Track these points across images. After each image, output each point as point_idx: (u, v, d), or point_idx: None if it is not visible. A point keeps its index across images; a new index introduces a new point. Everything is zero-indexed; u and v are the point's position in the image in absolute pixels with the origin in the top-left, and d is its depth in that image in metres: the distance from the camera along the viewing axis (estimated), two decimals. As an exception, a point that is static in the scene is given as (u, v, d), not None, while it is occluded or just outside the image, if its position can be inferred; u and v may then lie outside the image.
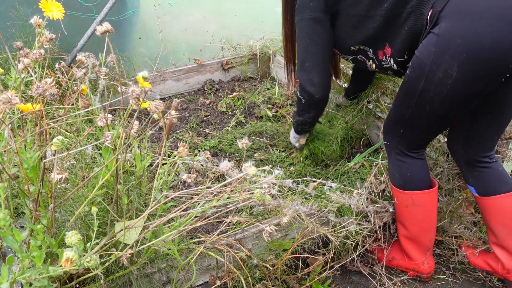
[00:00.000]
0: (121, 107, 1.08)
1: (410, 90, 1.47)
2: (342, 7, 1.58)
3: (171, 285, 1.57)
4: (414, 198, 1.67)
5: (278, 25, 3.16)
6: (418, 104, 1.47)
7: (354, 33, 1.60)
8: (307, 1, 1.62)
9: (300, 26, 1.68)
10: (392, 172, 1.72)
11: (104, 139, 0.92)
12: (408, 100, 1.50)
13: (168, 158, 1.30)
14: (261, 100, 2.66)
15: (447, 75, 1.34)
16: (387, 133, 1.69)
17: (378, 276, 1.80)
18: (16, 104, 0.82)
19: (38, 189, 1.00)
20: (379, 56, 1.62)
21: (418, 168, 1.66)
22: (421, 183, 1.67)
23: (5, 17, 2.42)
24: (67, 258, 0.84)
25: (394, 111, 1.61)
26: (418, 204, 1.67)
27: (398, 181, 1.69)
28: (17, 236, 0.92)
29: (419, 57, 1.40)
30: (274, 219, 1.69)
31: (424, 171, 1.68)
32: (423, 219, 1.71)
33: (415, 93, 1.45)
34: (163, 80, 2.82)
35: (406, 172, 1.67)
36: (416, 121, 1.53)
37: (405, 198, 1.69)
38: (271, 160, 2.21)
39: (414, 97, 1.46)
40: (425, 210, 1.69)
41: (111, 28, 0.92)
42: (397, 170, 1.69)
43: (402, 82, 1.52)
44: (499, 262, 1.75)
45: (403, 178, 1.68)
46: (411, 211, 1.70)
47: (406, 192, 1.67)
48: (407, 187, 1.67)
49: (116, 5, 2.58)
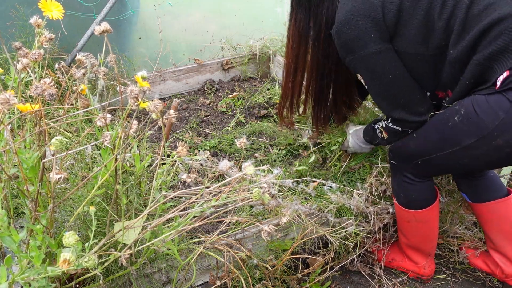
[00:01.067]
0: (120, 107, 1.07)
1: (451, 139, 1.32)
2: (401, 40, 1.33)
3: (171, 285, 1.57)
4: (417, 216, 1.63)
5: (278, 25, 3.17)
6: (456, 155, 1.33)
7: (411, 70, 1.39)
8: (363, 34, 1.31)
9: (366, 65, 1.37)
10: (395, 190, 1.66)
11: (103, 139, 0.92)
12: (445, 146, 1.35)
13: (167, 158, 1.30)
14: (261, 100, 2.66)
15: (509, 145, 1.21)
16: (398, 157, 1.57)
17: (377, 277, 1.80)
18: (14, 104, 0.81)
19: (37, 189, 1.00)
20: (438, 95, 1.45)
21: (425, 190, 1.60)
22: (425, 203, 1.62)
23: (5, 17, 2.42)
24: (64, 259, 0.84)
25: (417, 144, 1.46)
26: (420, 220, 1.64)
27: (402, 200, 1.64)
28: (15, 236, 0.92)
29: (480, 115, 1.22)
30: (274, 219, 1.69)
31: (430, 191, 1.61)
32: (425, 232, 1.69)
33: (457, 144, 1.31)
34: (163, 80, 2.82)
35: (412, 194, 1.60)
36: (442, 164, 1.42)
37: (407, 215, 1.65)
38: (271, 160, 2.21)
39: (455, 147, 1.32)
40: (427, 224, 1.67)
41: (109, 28, 0.91)
42: (402, 190, 1.62)
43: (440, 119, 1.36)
44: (497, 265, 1.74)
45: (408, 198, 1.61)
46: (413, 226, 1.67)
47: (408, 211, 1.64)
48: (411, 207, 1.63)
49: (116, 5, 2.58)
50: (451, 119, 1.31)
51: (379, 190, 1.80)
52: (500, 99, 1.18)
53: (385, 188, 1.82)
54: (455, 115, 1.29)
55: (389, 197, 1.83)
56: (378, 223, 1.77)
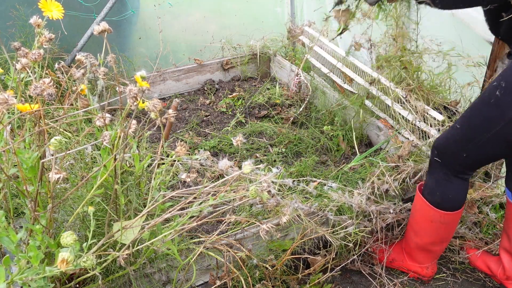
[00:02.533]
0: (120, 107, 1.07)
1: (496, 116, 1.27)
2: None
3: (171, 285, 1.56)
4: (445, 217, 1.59)
5: (278, 25, 3.18)
6: (501, 133, 1.28)
7: None
8: None
9: None
10: (432, 188, 1.59)
11: (102, 139, 0.92)
12: (490, 125, 1.30)
13: (167, 158, 1.30)
14: (261, 100, 2.66)
15: None
16: (444, 152, 1.51)
17: (378, 277, 1.80)
18: (13, 105, 0.81)
19: (36, 189, 1.00)
20: None
21: (462, 190, 1.56)
22: (458, 204, 1.58)
23: (5, 17, 2.42)
24: (63, 259, 0.84)
25: (461, 133, 1.42)
26: (444, 222, 1.60)
27: (436, 199, 1.58)
28: (13, 237, 0.91)
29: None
30: (274, 219, 1.68)
31: (466, 193, 1.58)
32: (443, 234, 1.66)
33: (502, 119, 1.26)
34: (163, 80, 2.82)
35: (449, 193, 1.55)
36: (489, 149, 1.37)
37: (435, 215, 1.60)
38: (271, 160, 2.21)
39: (500, 123, 1.27)
40: (449, 227, 1.64)
41: (108, 27, 0.91)
42: (440, 189, 1.56)
43: (480, 100, 1.33)
44: (499, 266, 1.74)
45: (444, 197, 1.56)
46: (435, 226, 1.63)
47: (439, 211, 1.58)
48: (443, 207, 1.57)
49: (116, 5, 2.58)
50: (492, 96, 1.26)
51: (381, 189, 1.79)
52: None
53: (388, 187, 1.80)
54: (495, 90, 1.25)
55: (391, 197, 1.82)
56: (380, 222, 1.75)
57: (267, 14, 3.25)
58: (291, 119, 2.51)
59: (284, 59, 2.96)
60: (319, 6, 2.99)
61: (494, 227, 1.94)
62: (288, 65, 2.85)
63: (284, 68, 2.91)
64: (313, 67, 2.87)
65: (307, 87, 2.63)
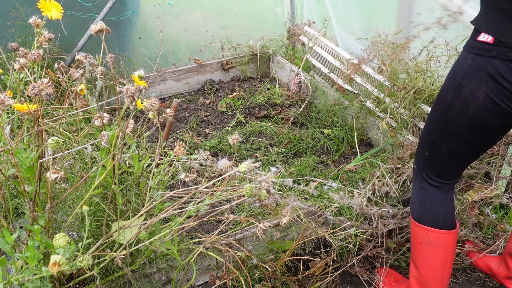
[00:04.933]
0: (119, 106, 1.07)
1: (439, 103, 1.33)
2: None
3: (171, 285, 1.56)
4: (430, 236, 1.50)
5: (278, 25, 3.17)
6: (445, 122, 1.33)
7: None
8: None
9: None
10: (412, 200, 1.55)
11: (100, 139, 0.92)
12: (437, 116, 1.35)
13: (166, 157, 1.29)
14: (261, 100, 2.66)
15: (473, 96, 1.22)
16: (416, 156, 1.52)
17: (374, 285, 1.79)
18: (9, 105, 0.81)
19: (35, 190, 1.00)
20: None
21: (440, 201, 1.48)
22: (441, 221, 1.49)
23: (5, 17, 2.42)
24: (54, 262, 0.84)
25: (424, 129, 1.45)
26: (434, 244, 1.50)
27: (416, 212, 1.53)
28: (7, 237, 0.91)
29: (455, 65, 1.26)
30: (274, 219, 1.68)
31: (447, 207, 1.49)
32: (437, 262, 1.54)
33: (443, 108, 1.31)
34: (163, 80, 2.82)
35: (425, 203, 1.49)
36: (443, 145, 1.38)
37: (420, 233, 1.52)
38: (271, 160, 2.21)
39: (442, 112, 1.32)
40: (440, 253, 1.52)
41: (106, 27, 0.91)
42: (417, 199, 1.52)
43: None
44: (500, 266, 1.73)
45: (422, 209, 1.51)
46: (425, 250, 1.53)
47: (422, 227, 1.50)
48: (424, 221, 1.50)
49: (116, 5, 2.58)
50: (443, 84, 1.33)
51: (382, 191, 1.77)
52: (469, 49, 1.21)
53: (388, 190, 1.78)
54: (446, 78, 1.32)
55: (392, 199, 1.81)
56: (382, 227, 1.72)
57: (267, 14, 3.24)
58: (291, 119, 2.51)
59: (284, 59, 2.96)
60: (319, 6, 2.99)
61: (495, 227, 1.94)
62: (288, 65, 2.85)
63: (284, 68, 2.91)
64: (313, 67, 2.87)
65: (307, 87, 2.62)
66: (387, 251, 1.81)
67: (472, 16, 1.56)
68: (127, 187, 1.31)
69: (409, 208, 1.58)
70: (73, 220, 1.32)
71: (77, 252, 1.00)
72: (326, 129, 2.42)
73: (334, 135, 2.37)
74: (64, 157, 1.38)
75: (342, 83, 2.57)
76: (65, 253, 0.90)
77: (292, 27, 3.09)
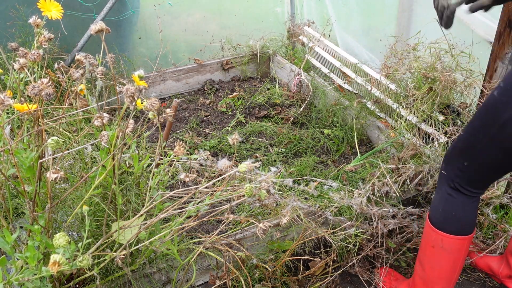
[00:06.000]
0: (119, 106, 1.07)
1: (492, 118, 1.24)
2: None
3: (171, 285, 1.56)
4: (445, 241, 1.46)
5: (278, 25, 3.17)
6: (496, 138, 1.25)
7: None
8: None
9: None
10: (435, 205, 1.49)
11: (101, 139, 0.92)
12: (485, 129, 1.27)
13: (165, 157, 1.29)
14: (261, 100, 2.66)
15: None
16: (447, 163, 1.45)
17: (374, 285, 1.79)
18: (9, 105, 0.81)
19: (35, 189, 1.00)
20: None
21: (469, 211, 1.44)
22: (462, 228, 1.45)
23: (5, 17, 2.42)
24: (54, 261, 0.84)
25: (463, 139, 1.37)
26: (447, 249, 1.47)
27: (438, 218, 1.47)
28: (7, 237, 0.91)
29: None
30: (274, 219, 1.68)
31: (473, 215, 1.46)
32: (447, 266, 1.52)
33: (495, 122, 1.23)
34: (163, 80, 2.82)
35: (452, 211, 1.44)
36: (486, 157, 1.31)
37: (435, 237, 1.48)
38: (271, 160, 2.21)
39: (494, 127, 1.23)
40: (452, 257, 1.49)
41: (105, 27, 0.91)
42: (443, 205, 1.46)
43: (482, 103, 1.29)
44: (500, 266, 1.73)
45: (446, 216, 1.45)
46: (436, 253, 1.50)
47: (439, 233, 1.46)
48: (444, 228, 1.45)
49: (116, 5, 2.58)
50: (490, 97, 1.24)
51: (381, 191, 1.77)
52: None
53: (388, 190, 1.78)
54: (494, 91, 1.23)
55: (392, 199, 1.81)
56: (382, 227, 1.72)
57: (267, 14, 3.24)
58: (291, 119, 2.51)
59: (284, 59, 2.96)
60: (319, 6, 2.99)
61: (495, 227, 1.94)
62: (288, 65, 2.85)
63: (284, 68, 2.91)
64: (313, 67, 2.87)
65: (307, 87, 2.62)
66: (387, 251, 1.81)
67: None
68: (127, 187, 1.31)
69: (429, 213, 1.52)
70: (73, 220, 1.32)
71: (77, 252, 1.00)
72: (326, 129, 2.42)
73: (334, 135, 2.37)
74: (64, 157, 1.38)
75: (342, 83, 2.57)
76: (65, 253, 0.90)
77: (292, 27, 3.09)
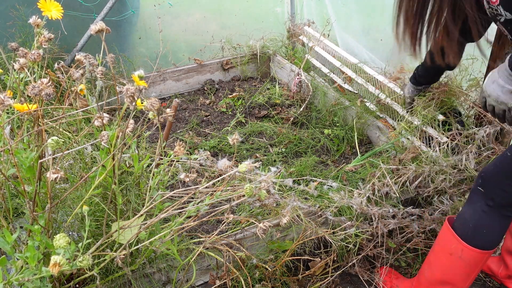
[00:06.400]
0: (119, 106, 1.07)
1: None
2: None
3: (171, 285, 1.56)
4: (465, 252, 1.42)
5: (278, 25, 3.17)
6: None
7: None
8: None
9: None
10: (466, 219, 1.43)
11: (101, 139, 0.92)
12: None
13: (165, 157, 1.30)
14: (261, 100, 2.66)
15: None
16: (488, 181, 1.38)
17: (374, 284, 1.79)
18: (9, 105, 0.81)
19: (35, 189, 1.00)
20: None
21: (500, 229, 1.40)
22: (488, 244, 1.41)
23: (5, 17, 2.42)
24: (55, 262, 0.84)
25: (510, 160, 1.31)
26: (465, 259, 1.43)
27: (466, 231, 1.42)
28: (8, 237, 0.91)
29: None
30: (274, 219, 1.68)
31: (502, 233, 1.42)
32: (460, 274, 1.48)
33: None
34: (163, 80, 2.82)
35: (484, 228, 1.39)
36: None
37: (456, 246, 1.44)
38: (271, 160, 2.20)
39: None
40: (468, 268, 1.45)
41: (105, 27, 0.91)
42: (475, 221, 1.40)
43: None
44: (500, 266, 1.73)
45: (476, 231, 1.40)
46: (453, 261, 1.46)
47: (463, 244, 1.42)
48: (471, 242, 1.41)
49: (116, 5, 2.58)
50: None
51: (382, 191, 1.77)
52: None
53: (388, 190, 1.77)
54: None
55: (392, 200, 1.81)
56: (382, 227, 1.72)
57: (267, 14, 3.24)
58: (291, 119, 2.51)
59: (284, 59, 2.96)
60: (319, 6, 2.99)
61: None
62: (288, 65, 2.85)
63: (284, 68, 2.91)
64: (313, 67, 2.87)
65: (307, 87, 2.62)
66: (387, 251, 1.81)
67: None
68: (127, 187, 1.31)
69: (455, 223, 1.47)
70: (73, 220, 1.32)
71: (77, 252, 1.00)
72: (326, 129, 2.42)
73: (334, 135, 2.37)
74: (64, 157, 1.38)
75: (342, 83, 2.57)
76: (65, 253, 0.90)
77: (292, 27, 3.09)
